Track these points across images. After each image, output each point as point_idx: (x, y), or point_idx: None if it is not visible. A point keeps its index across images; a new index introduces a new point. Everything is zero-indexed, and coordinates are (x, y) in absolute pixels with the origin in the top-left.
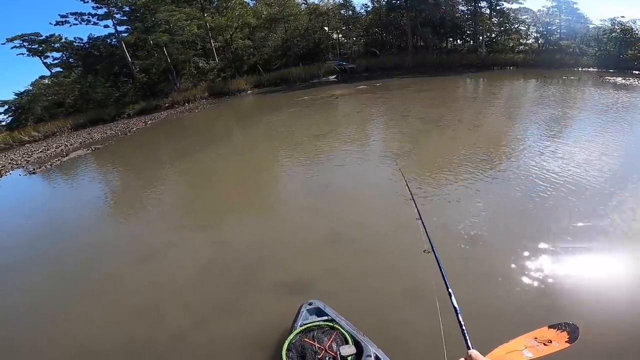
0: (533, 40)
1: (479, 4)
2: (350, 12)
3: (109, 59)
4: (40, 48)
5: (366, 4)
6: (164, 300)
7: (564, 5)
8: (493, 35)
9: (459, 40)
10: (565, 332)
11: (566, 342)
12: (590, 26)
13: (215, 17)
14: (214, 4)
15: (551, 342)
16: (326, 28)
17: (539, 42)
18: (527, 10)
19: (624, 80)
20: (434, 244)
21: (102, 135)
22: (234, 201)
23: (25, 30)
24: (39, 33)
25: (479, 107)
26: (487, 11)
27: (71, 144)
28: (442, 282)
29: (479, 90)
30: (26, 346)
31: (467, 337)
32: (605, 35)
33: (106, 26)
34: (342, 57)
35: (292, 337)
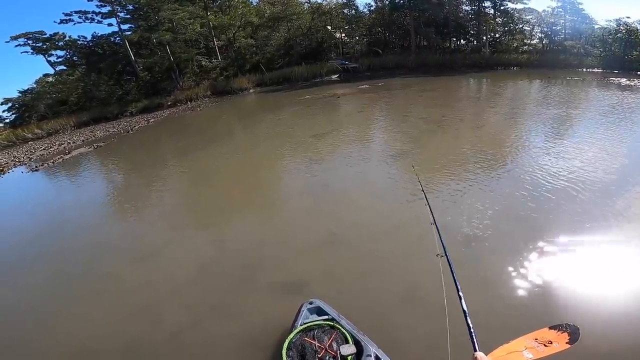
0: (537, 40)
1: (483, 4)
2: (353, 11)
3: (112, 57)
4: (45, 46)
5: (369, 4)
6: (164, 299)
7: (569, 6)
8: (497, 36)
9: (462, 40)
10: (566, 333)
11: (567, 343)
12: (595, 27)
13: (218, 15)
14: (217, 3)
15: (552, 343)
16: (329, 27)
17: (544, 42)
18: (531, 10)
19: (629, 82)
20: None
21: (105, 133)
22: (236, 200)
23: (29, 28)
24: (43, 31)
25: (482, 107)
26: (491, 11)
27: (74, 142)
28: (452, 284)
29: (483, 90)
30: (28, 344)
31: (475, 340)
32: (611, 36)
33: (110, 24)
34: (345, 56)
35: (292, 336)
